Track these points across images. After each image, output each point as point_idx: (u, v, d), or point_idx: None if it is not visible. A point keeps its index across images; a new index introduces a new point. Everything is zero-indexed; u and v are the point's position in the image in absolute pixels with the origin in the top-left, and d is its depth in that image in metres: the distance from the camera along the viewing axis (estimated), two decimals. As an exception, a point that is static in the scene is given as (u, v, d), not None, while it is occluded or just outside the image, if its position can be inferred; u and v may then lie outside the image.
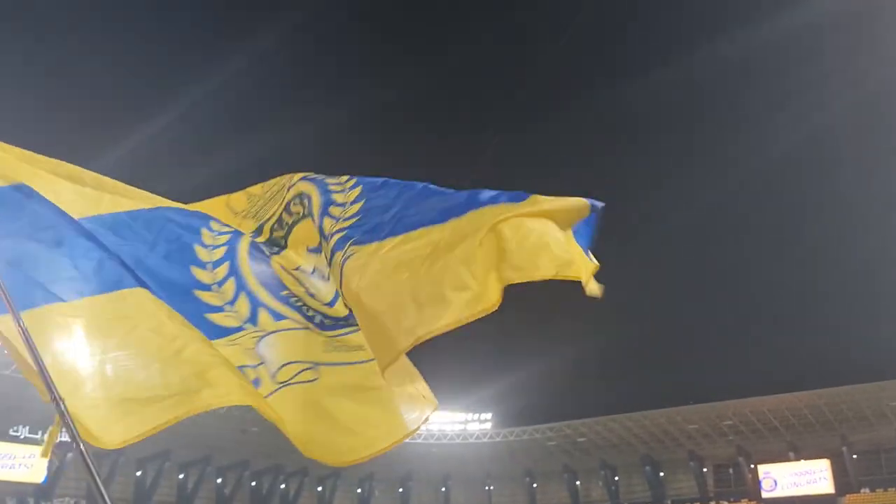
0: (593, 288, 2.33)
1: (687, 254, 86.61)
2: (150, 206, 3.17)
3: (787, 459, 59.58)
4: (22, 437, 47.21)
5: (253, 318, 2.81)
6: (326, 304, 2.96)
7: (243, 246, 2.99)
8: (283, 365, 2.77)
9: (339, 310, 2.87)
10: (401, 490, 66.03)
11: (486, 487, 68.17)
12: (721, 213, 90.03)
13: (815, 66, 77.45)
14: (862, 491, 57.37)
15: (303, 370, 2.76)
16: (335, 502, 64.39)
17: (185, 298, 2.87)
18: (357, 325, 2.73)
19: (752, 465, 60.74)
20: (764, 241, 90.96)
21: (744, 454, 61.20)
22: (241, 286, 2.88)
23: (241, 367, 2.71)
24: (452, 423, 64.94)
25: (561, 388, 69.60)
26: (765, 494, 59.01)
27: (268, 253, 3.05)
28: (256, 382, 2.73)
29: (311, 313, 2.91)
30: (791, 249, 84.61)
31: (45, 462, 45.98)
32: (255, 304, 2.85)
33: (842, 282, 78.42)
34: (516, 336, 70.38)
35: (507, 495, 70.67)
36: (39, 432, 46.70)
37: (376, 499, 66.55)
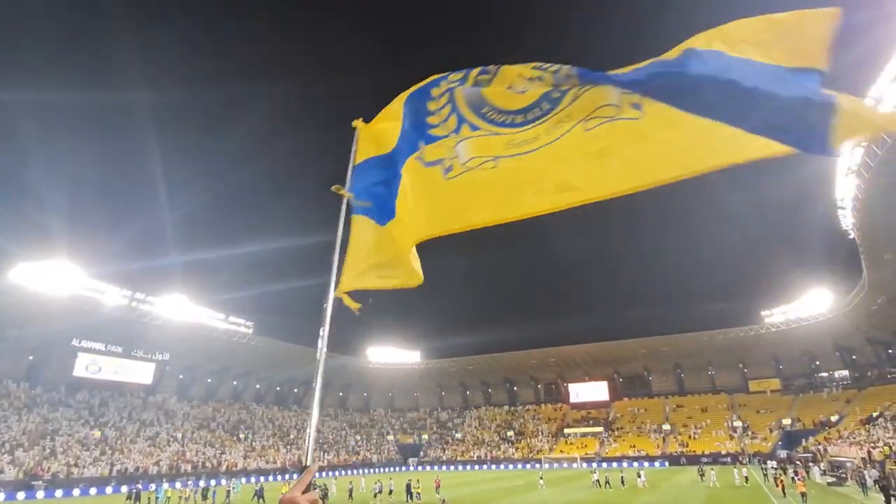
0: None
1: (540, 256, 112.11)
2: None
3: (584, 381, 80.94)
4: (139, 356, 60.81)
5: (457, 129, 3.13)
6: (517, 112, 3.04)
7: (458, 91, 3.18)
8: (471, 158, 3.09)
9: (527, 116, 2.97)
10: (365, 394, 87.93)
11: (415, 394, 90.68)
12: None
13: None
14: (624, 399, 78.56)
15: (485, 161, 3.06)
16: (327, 400, 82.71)
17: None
18: (531, 123, 2.97)
19: (565, 384, 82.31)
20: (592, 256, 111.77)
21: (561, 377, 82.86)
22: (453, 110, 3.18)
23: (440, 160, 3.15)
24: (396, 355, 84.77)
25: (459, 336, 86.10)
26: (571, 400, 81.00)
27: (477, 85, 3.13)
28: (449, 169, 3.15)
29: (501, 119, 3.06)
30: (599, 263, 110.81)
31: (152, 371, 61.60)
32: (461, 121, 3.14)
33: (609, 285, 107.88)
34: (436, 305, 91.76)
35: (426, 398, 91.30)
36: (150, 354, 61.23)
37: (350, 399, 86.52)
